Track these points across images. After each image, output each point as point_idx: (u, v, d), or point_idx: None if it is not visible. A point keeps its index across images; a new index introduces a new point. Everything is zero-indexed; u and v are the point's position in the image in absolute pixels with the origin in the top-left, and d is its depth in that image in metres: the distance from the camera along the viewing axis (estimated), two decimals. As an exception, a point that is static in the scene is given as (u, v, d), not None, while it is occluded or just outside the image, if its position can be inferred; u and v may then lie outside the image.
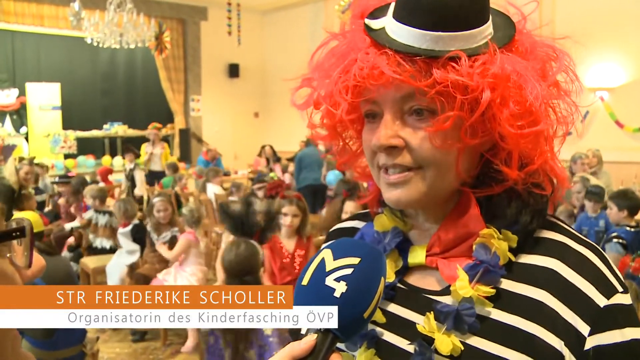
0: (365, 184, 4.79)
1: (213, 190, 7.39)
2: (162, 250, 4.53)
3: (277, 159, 10.75)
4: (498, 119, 0.72)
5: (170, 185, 7.98)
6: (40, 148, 11.00)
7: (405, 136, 0.75)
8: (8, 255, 0.47)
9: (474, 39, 0.74)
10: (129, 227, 4.97)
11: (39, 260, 0.51)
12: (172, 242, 4.62)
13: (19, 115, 11.50)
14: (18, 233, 0.47)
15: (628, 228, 4.16)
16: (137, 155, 8.88)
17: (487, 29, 0.76)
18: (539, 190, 0.77)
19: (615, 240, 4.07)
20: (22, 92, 11.28)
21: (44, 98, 11.41)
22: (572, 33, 0.82)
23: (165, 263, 4.66)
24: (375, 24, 0.78)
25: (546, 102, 0.73)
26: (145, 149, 9.35)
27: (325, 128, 0.89)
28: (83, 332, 3.01)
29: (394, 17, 0.76)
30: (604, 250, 3.60)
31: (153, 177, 9.01)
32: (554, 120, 0.77)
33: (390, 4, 0.80)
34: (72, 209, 6.17)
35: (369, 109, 0.79)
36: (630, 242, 4.07)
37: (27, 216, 0.50)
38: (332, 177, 7.45)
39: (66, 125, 11.56)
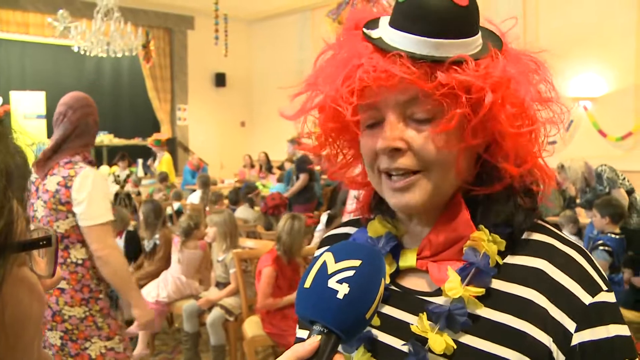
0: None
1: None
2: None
3: (269, 167, 10.66)
4: (499, 119, 0.75)
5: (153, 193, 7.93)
6: (24, 157, 10.85)
7: (408, 138, 0.77)
8: (30, 264, 0.47)
9: (469, 46, 0.77)
10: (123, 237, 4.92)
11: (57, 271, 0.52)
12: (153, 251, 4.61)
13: (3, 124, 11.36)
14: (45, 242, 0.47)
15: (613, 235, 4.22)
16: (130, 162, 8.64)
17: (479, 39, 0.80)
18: (536, 187, 0.81)
19: (601, 247, 4.12)
20: (7, 101, 11.14)
21: (29, 107, 11.27)
22: (556, 45, 0.87)
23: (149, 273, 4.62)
24: (373, 33, 0.81)
25: (535, 106, 0.78)
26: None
27: (315, 138, 0.90)
28: None
29: (392, 26, 0.79)
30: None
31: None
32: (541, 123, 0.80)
33: (379, 18, 0.84)
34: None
35: (369, 116, 0.81)
36: (615, 249, 4.13)
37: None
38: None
39: (51, 134, 11.24)
